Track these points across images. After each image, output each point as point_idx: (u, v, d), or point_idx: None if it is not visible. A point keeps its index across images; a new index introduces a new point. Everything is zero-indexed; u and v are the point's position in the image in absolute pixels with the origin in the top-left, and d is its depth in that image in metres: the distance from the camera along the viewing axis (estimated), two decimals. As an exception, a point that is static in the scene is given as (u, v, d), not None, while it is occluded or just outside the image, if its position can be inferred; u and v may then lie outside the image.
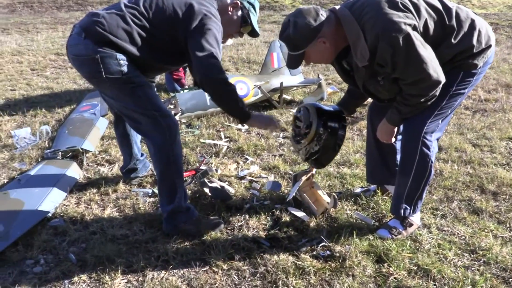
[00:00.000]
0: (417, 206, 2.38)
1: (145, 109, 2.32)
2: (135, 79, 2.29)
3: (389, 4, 1.96)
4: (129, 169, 2.94)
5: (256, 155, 3.40)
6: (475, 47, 2.07)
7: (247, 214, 2.60)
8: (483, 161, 3.28)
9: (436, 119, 2.20)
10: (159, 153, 2.35)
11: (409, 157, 2.25)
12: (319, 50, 2.08)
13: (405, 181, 2.30)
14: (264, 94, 4.26)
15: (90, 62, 2.22)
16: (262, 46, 7.23)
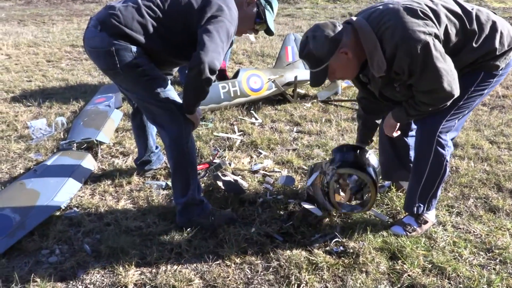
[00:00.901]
0: (431, 204, 2.35)
1: (160, 101, 2.32)
2: (150, 71, 2.29)
3: (408, 12, 1.92)
4: (143, 161, 2.95)
5: (269, 149, 3.39)
6: (497, 49, 2.03)
7: (260, 208, 2.60)
8: (500, 159, 3.23)
9: (453, 118, 2.16)
10: (174, 145, 2.36)
11: (424, 156, 2.21)
12: (342, 62, 2.04)
13: (419, 180, 2.27)
14: (278, 88, 4.24)
15: (106, 54, 2.23)
16: (276, 39, 7.19)
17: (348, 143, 2.56)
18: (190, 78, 2.20)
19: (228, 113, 4.04)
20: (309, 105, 4.32)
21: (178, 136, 2.34)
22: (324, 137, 3.61)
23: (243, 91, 4.09)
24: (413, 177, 2.32)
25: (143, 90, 2.33)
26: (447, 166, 2.23)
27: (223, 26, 2.18)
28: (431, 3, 2.00)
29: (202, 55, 2.10)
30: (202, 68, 2.10)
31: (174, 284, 2.02)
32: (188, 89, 2.27)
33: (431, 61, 1.88)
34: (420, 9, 1.94)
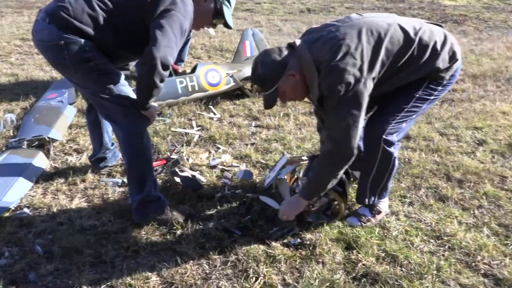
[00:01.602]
0: (382, 195, 2.42)
1: (113, 97, 2.26)
2: (102, 66, 2.23)
3: (346, 49, 1.96)
4: (98, 158, 2.88)
5: (228, 144, 3.39)
6: (440, 68, 2.12)
7: (219, 203, 2.59)
8: (450, 150, 3.37)
9: (400, 121, 2.21)
10: (128, 141, 2.31)
11: (371, 154, 2.27)
12: (290, 84, 2.09)
13: (368, 174, 2.34)
14: (236, 83, 4.24)
15: (55, 48, 2.15)
16: (235, 34, 7.16)
17: None
18: (143, 73, 2.17)
19: (186, 108, 4.00)
20: (268, 100, 4.34)
21: (133, 132, 2.29)
22: (282, 131, 3.64)
23: (201, 86, 4.06)
24: (362, 171, 2.39)
25: (95, 85, 2.27)
26: (395, 161, 2.29)
27: (177, 20, 2.14)
28: (372, 36, 2.02)
29: (154, 50, 2.06)
30: (154, 63, 2.07)
31: (130, 283, 1.99)
32: (141, 85, 2.23)
33: (346, 101, 1.97)
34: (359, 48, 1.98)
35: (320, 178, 2.17)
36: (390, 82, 2.13)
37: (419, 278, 2.03)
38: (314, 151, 3.27)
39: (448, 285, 2.02)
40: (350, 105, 1.99)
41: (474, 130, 3.78)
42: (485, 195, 2.75)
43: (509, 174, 3.02)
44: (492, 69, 5.79)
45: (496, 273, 2.09)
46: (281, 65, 2.05)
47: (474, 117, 4.05)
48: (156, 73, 2.10)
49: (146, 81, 2.16)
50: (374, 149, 2.23)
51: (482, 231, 2.40)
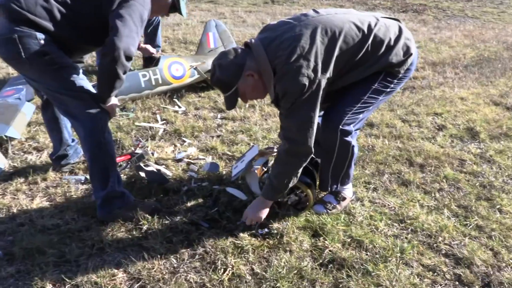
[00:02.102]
0: (344, 182, 2.45)
1: (72, 91, 2.20)
2: (59, 60, 2.16)
3: (300, 51, 1.97)
4: (59, 156, 2.80)
5: (193, 137, 3.36)
6: (393, 63, 2.16)
7: (185, 196, 2.57)
8: (412, 136, 3.46)
9: (357, 112, 2.22)
10: (90, 136, 2.25)
11: (330, 144, 2.28)
12: (249, 84, 2.08)
13: (329, 163, 2.36)
14: (200, 75, 4.19)
15: (7, 42, 2.07)
16: (199, 26, 7.08)
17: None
18: (104, 65, 2.12)
19: (150, 102, 3.93)
20: (233, 92, 4.32)
21: (94, 127, 2.23)
22: (248, 122, 3.64)
23: (164, 79, 4.00)
24: (323, 160, 2.41)
25: (52, 80, 2.19)
26: (354, 149, 2.31)
27: (136, 10, 2.10)
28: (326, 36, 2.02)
29: (116, 41, 2.02)
30: (117, 54, 2.03)
31: (96, 281, 1.95)
32: (103, 77, 2.19)
33: (301, 103, 2.00)
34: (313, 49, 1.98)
35: (280, 178, 2.18)
36: (346, 78, 2.15)
37: (384, 261, 2.08)
38: (280, 142, 3.29)
39: (411, 266, 2.08)
40: (305, 107, 2.01)
41: (434, 116, 3.89)
42: (445, 178, 2.85)
43: (467, 158, 3.14)
44: (451, 56, 5.97)
45: (456, 253, 2.17)
46: (238, 66, 2.04)
47: (434, 104, 4.16)
48: (119, 64, 2.06)
49: (109, 72, 2.11)
50: (331, 139, 2.24)
51: (442, 213, 2.49)
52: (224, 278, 1.97)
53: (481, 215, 2.48)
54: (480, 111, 4.03)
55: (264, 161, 2.49)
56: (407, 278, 1.99)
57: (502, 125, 3.69)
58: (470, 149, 3.29)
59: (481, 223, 2.41)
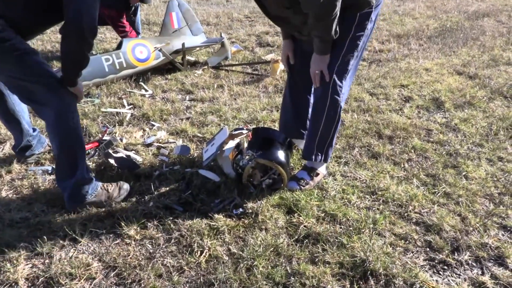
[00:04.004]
0: (328, 154, 2.48)
1: (38, 77, 2.09)
2: (20, 45, 2.05)
3: None
4: (22, 147, 2.69)
5: (162, 121, 3.30)
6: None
7: (157, 181, 2.54)
8: (380, 109, 3.51)
9: (343, 62, 2.24)
10: (57, 122, 2.16)
11: (321, 102, 2.31)
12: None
13: (317, 127, 2.38)
14: (166, 57, 4.10)
15: None
16: (161, 6, 6.91)
17: (274, 129, 2.56)
18: (68, 46, 2.03)
19: (116, 87, 3.83)
20: (200, 72, 4.26)
21: (63, 112, 2.14)
22: (217, 103, 3.60)
23: (129, 62, 3.89)
24: (311, 126, 2.43)
25: (15, 67, 2.08)
26: (341, 114, 2.36)
27: None
28: None
29: (78, 19, 1.92)
30: (81, 33, 1.94)
31: (70, 272, 1.91)
32: (67, 58, 2.08)
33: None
34: None
35: (321, 26, 2.09)
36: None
37: (357, 233, 2.12)
38: (250, 120, 3.28)
39: (384, 236, 2.13)
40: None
41: (400, 88, 3.95)
42: (413, 149, 2.91)
43: (434, 127, 3.21)
44: (415, 28, 6.06)
45: (426, 220, 2.24)
46: None
47: (400, 76, 4.23)
48: (84, 43, 1.99)
49: (73, 52, 2.03)
50: (323, 97, 2.28)
51: (412, 182, 2.55)
52: (201, 260, 1.97)
53: (448, 182, 2.55)
54: (444, 81, 4.12)
55: (235, 144, 2.47)
56: (380, 248, 2.04)
57: (466, 94, 3.79)
58: (436, 119, 3.36)
59: (449, 190, 2.48)
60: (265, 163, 2.33)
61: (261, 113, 3.40)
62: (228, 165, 2.46)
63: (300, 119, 2.68)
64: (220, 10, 6.93)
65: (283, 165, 2.36)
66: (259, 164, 2.34)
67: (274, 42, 5.25)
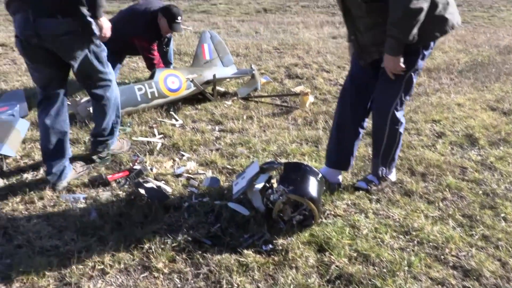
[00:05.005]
0: (391, 166, 2.76)
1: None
2: None
3: None
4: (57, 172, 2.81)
5: (192, 151, 3.31)
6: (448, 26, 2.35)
7: (186, 212, 2.52)
8: (412, 144, 3.44)
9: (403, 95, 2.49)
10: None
11: (380, 132, 2.61)
12: None
13: (378, 150, 2.68)
14: (197, 87, 4.16)
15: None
16: (192, 37, 7.07)
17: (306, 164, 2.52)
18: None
19: (147, 116, 3.89)
20: (230, 103, 4.29)
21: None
22: (246, 134, 3.60)
23: (161, 92, 3.96)
24: (374, 148, 2.74)
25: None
26: (401, 136, 2.64)
27: None
28: None
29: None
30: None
31: (98, 304, 1.89)
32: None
33: None
34: None
35: (399, 23, 2.16)
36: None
37: (392, 275, 2.04)
38: (279, 153, 3.26)
39: (420, 280, 2.04)
40: None
41: (432, 123, 3.88)
42: (448, 187, 2.82)
43: (468, 165, 3.12)
44: (445, 62, 6.00)
45: (464, 264, 2.14)
46: None
47: (432, 110, 4.16)
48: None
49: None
50: (381, 128, 2.58)
51: (447, 223, 2.46)
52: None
53: (486, 224, 2.45)
54: (478, 117, 4.03)
55: (266, 178, 2.44)
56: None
57: (501, 131, 3.69)
58: (470, 156, 3.27)
59: (487, 232, 2.38)
60: (297, 199, 2.29)
61: (291, 146, 3.38)
62: (258, 199, 2.43)
63: (344, 151, 2.80)
64: (249, 41, 7.04)
65: (315, 202, 2.31)
66: (290, 200, 2.30)
67: (303, 74, 5.27)
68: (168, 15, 4.22)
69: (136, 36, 4.19)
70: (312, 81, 5.07)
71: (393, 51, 2.26)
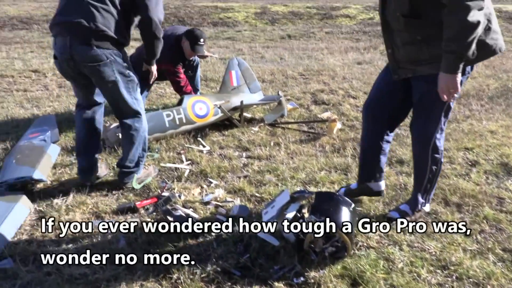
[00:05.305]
0: (429, 197, 2.71)
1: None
2: None
3: None
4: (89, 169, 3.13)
5: (220, 178, 3.29)
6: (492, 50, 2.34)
7: (215, 242, 2.48)
8: (444, 173, 3.34)
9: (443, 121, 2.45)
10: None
11: (422, 164, 2.56)
12: None
13: (421, 184, 2.62)
14: (224, 114, 4.17)
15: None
16: (218, 63, 7.16)
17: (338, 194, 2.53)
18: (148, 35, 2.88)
19: (175, 142, 3.90)
20: (257, 129, 4.29)
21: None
22: (274, 161, 3.57)
23: (188, 118, 3.99)
24: (416, 181, 2.67)
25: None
26: (441, 166, 2.60)
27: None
28: None
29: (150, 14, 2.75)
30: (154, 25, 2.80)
31: (127, 336, 1.85)
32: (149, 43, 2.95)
33: None
34: None
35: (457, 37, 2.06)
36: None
37: (431, 313, 1.94)
38: (308, 181, 3.20)
39: (461, 319, 1.93)
40: None
41: (465, 151, 3.77)
42: (485, 219, 2.71)
43: (506, 195, 3.00)
44: (474, 88, 5.89)
45: (508, 303, 2.02)
46: None
47: (464, 138, 4.05)
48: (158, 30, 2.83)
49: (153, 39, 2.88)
50: (423, 158, 2.54)
51: (487, 257, 2.34)
52: (261, 333, 1.86)
53: (529, 259, 2.33)
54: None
55: (296, 208, 2.39)
56: (458, 333, 1.84)
57: (538, 160, 3.55)
58: (507, 186, 3.15)
59: (531, 269, 2.26)
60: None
61: (320, 173, 3.32)
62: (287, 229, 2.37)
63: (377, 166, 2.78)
64: (275, 67, 7.08)
65: (348, 233, 2.24)
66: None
67: (329, 100, 5.24)
68: (191, 37, 4.34)
69: (162, 61, 4.23)
70: (339, 107, 5.04)
71: (451, 68, 2.14)
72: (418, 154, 2.59)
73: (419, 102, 2.44)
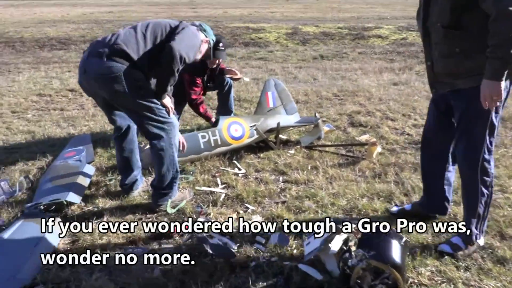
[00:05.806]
0: (483, 228, 2.55)
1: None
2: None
3: None
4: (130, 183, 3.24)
5: (256, 203, 3.15)
6: None
7: (253, 273, 2.34)
8: (497, 202, 3.10)
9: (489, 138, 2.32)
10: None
11: (472, 187, 2.42)
12: None
13: (474, 210, 2.46)
14: (260, 135, 4.06)
15: None
16: (251, 83, 7.10)
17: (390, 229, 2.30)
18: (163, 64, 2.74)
19: (209, 164, 3.81)
20: (293, 152, 4.15)
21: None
22: (312, 186, 3.41)
23: (223, 140, 3.89)
24: (467, 208, 2.51)
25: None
26: (493, 190, 2.46)
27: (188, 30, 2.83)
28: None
29: (173, 44, 2.66)
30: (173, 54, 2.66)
31: None
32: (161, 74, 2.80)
33: None
34: None
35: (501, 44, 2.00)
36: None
37: None
38: (350, 209, 3.03)
39: None
40: None
41: (517, 179, 3.52)
42: (549, 256, 2.47)
43: None
44: (521, 110, 5.59)
45: None
46: None
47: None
48: (175, 62, 2.69)
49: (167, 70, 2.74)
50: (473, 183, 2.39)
51: (555, 301, 2.11)
52: None
53: None
54: None
55: (343, 240, 2.23)
56: None
57: None
58: None
59: None
60: (379, 266, 2.05)
61: (361, 200, 3.15)
62: (333, 262, 2.21)
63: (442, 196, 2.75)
64: (308, 88, 6.97)
65: (399, 269, 2.06)
66: (371, 266, 2.06)
67: (366, 122, 5.07)
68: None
69: (185, 71, 4.11)
70: (377, 129, 4.85)
71: (495, 74, 2.06)
72: (467, 177, 2.45)
73: (460, 121, 2.38)
